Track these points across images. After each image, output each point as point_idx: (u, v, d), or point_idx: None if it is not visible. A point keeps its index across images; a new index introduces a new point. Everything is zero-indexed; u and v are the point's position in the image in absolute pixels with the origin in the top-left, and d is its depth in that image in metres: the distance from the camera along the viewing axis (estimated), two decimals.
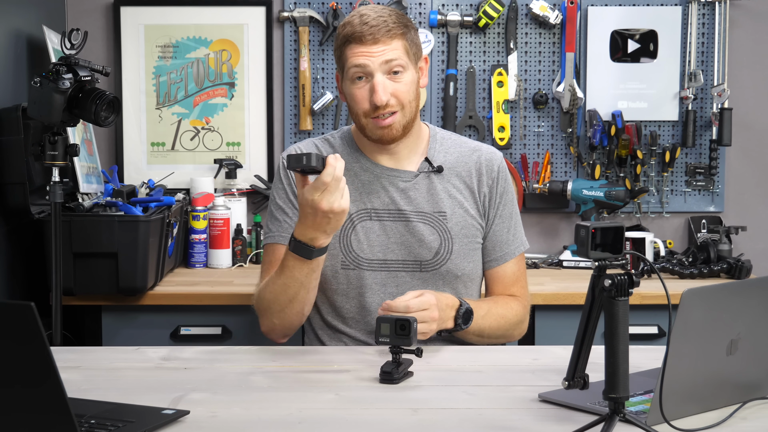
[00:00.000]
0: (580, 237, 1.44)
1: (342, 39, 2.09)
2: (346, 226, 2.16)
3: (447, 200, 2.18)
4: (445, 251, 2.16)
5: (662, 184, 3.44)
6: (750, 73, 3.47)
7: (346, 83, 2.11)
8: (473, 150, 2.24)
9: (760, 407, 1.59)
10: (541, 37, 3.42)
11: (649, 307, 2.73)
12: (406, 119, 2.11)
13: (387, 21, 2.08)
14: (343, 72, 2.12)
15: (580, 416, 1.52)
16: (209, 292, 2.85)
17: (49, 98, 2.40)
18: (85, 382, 1.73)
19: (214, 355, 1.96)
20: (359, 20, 2.08)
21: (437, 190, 2.18)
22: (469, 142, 2.27)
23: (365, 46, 2.06)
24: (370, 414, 1.57)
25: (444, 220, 2.17)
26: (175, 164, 3.43)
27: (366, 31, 2.06)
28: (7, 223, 2.75)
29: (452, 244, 2.16)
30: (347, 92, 2.12)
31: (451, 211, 2.18)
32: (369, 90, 2.07)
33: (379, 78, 2.06)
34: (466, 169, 2.21)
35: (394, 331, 1.76)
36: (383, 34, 2.06)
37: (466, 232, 2.18)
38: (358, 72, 2.07)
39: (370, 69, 2.06)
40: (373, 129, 2.10)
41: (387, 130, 2.09)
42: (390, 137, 2.11)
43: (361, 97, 2.08)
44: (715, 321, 1.49)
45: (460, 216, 2.18)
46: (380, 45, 2.06)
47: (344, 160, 2.18)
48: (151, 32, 3.41)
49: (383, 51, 2.06)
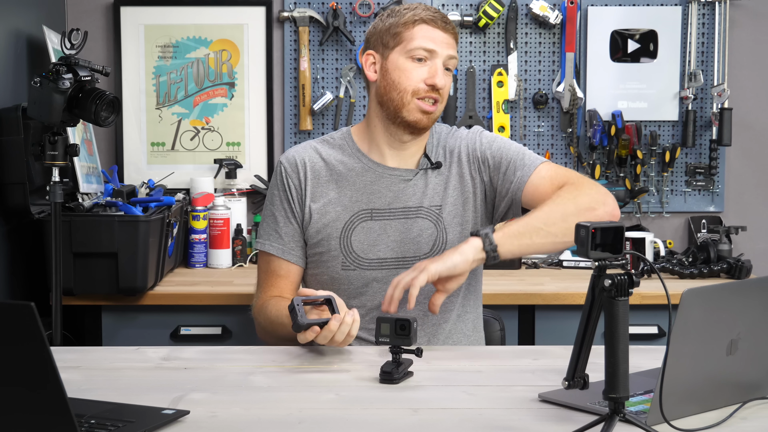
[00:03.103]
0: (580, 237, 1.44)
1: (410, 18, 2.13)
2: (347, 227, 2.16)
3: (443, 193, 2.19)
4: (440, 242, 2.17)
5: (662, 184, 3.44)
6: (750, 73, 3.47)
7: (399, 59, 2.14)
8: (453, 135, 2.25)
9: (760, 407, 1.59)
10: (541, 37, 3.42)
11: (649, 307, 2.73)
12: (439, 113, 2.18)
13: (450, 19, 2.18)
14: (392, 49, 2.14)
15: (580, 416, 1.52)
16: (209, 292, 2.85)
17: (49, 98, 2.40)
18: (85, 382, 1.73)
19: (214, 355, 1.96)
20: (426, 8, 2.15)
21: (434, 184, 2.19)
22: (458, 131, 2.26)
23: (437, 30, 2.13)
24: (370, 414, 1.57)
25: (439, 212, 2.18)
26: (175, 164, 3.43)
27: (439, 17, 2.14)
28: (7, 223, 2.75)
29: (446, 234, 2.17)
30: (401, 67, 2.14)
31: (446, 201, 2.18)
32: (428, 71, 2.12)
33: (440, 63, 2.13)
34: (454, 155, 2.21)
35: (394, 331, 1.76)
36: (451, 28, 2.16)
37: (459, 220, 2.19)
38: (422, 53, 2.12)
39: (438, 53, 2.12)
40: (413, 110, 2.13)
41: (426, 116, 2.14)
42: (423, 124, 2.15)
43: (416, 75, 2.13)
44: (715, 321, 1.49)
45: (452, 205, 2.18)
46: (448, 35, 2.14)
47: (346, 161, 2.19)
48: (151, 32, 3.41)
49: (450, 44, 2.14)
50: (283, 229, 2.19)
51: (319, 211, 2.17)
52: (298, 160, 2.21)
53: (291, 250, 2.19)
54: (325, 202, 2.18)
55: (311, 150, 2.23)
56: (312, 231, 2.18)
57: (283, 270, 2.20)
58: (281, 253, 2.19)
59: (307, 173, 2.19)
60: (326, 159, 2.21)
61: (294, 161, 2.21)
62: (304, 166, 2.20)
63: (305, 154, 2.22)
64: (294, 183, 2.20)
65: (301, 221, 2.19)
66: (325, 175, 2.20)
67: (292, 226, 2.19)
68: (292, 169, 2.21)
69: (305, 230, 2.19)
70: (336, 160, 2.20)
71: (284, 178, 2.20)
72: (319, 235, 2.17)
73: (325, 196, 2.18)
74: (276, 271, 2.20)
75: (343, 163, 2.20)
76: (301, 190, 2.19)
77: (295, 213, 2.19)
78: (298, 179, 2.20)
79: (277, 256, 2.19)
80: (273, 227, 2.21)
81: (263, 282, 2.21)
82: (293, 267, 2.20)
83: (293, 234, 2.19)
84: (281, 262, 2.19)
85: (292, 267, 2.20)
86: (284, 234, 2.19)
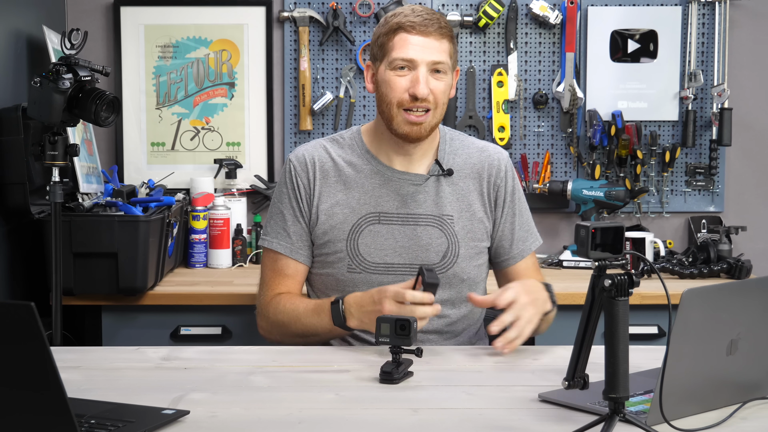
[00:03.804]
0: (580, 237, 1.44)
1: (391, 26, 2.09)
2: (354, 230, 2.15)
3: (455, 203, 2.17)
4: (452, 255, 2.16)
5: (662, 184, 3.44)
6: (750, 73, 3.47)
7: (385, 71, 2.10)
8: (480, 150, 2.23)
9: (760, 407, 1.59)
10: (541, 37, 3.42)
11: (649, 307, 2.73)
12: (435, 120, 2.12)
13: (439, 19, 2.11)
14: (380, 60, 2.12)
15: (580, 416, 1.52)
16: (209, 292, 2.85)
17: (49, 98, 2.40)
18: (85, 382, 1.73)
19: (214, 355, 1.96)
20: (411, 12, 2.10)
21: (446, 193, 2.17)
22: (477, 142, 2.26)
23: (417, 36, 2.07)
24: (370, 414, 1.57)
25: (451, 223, 2.16)
26: (175, 164, 3.43)
27: (419, 22, 2.07)
28: (7, 223, 2.75)
29: (458, 247, 2.16)
30: (385, 79, 2.11)
31: (459, 214, 2.17)
32: (410, 80, 2.08)
33: (423, 71, 2.07)
34: (473, 171, 2.20)
35: (394, 331, 1.76)
36: (435, 29, 2.08)
37: (472, 236, 2.18)
38: (402, 63, 2.08)
39: (417, 62, 2.07)
40: (402, 123, 2.10)
41: (416, 127, 2.09)
42: (416, 135, 2.11)
43: (400, 85, 2.08)
44: (715, 321, 1.49)
45: (467, 219, 2.18)
46: (431, 39, 2.08)
47: (355, 162, 2.18)
48: (151, 32, 3.41)
49: (433, 47, 2.07)
50: (291, 228, 2.18)
51: (326, 212, 2.16)
52: (307, 159, 2.20)
53: (299, 249, 2.18)
54: (333, 203, 2.17)
55: (321, 149, 2.22)
56: (319, 232, 2.17)
57: (291, 269, 2.19)
58: (289, 252, 2.18)
59: (316, 173, 2.18)
60: (335, 159, 2.19)
61: (304, 160, 2.20)
62: (313, 166, 2.19)
63: (315, 153, 2.21)
64: (303, 182, 2.19)
65: (308, 221, 2.18)
66: (334, 176, 2.18)
67: (299, 225, 2.18)
68: (301, 167, 2.19)
69: (312, 230, 2.18)
70: (345, 161, 2.19)
71: (293, 177, 2.19)
72: (326, 236, 2.16)
73: (333, 197, 2.17)
74: (283, 269, 2.19)
75: (352, 164, 2.19)
76: (310, 190, 2.18)
77: (303, 212, 2.18)
78: (307, 178, 2.19)
79: (284, 255, 2.18)
80: (281, 225, 2.19)
81: (269, 280, 2.20)
82: (300, 266, 2.19)
83: (301, 233, 2.18)
84: (289, 261, 2.19)
85: (299, 266, 2.19)
86: (292, 233, 2.18)
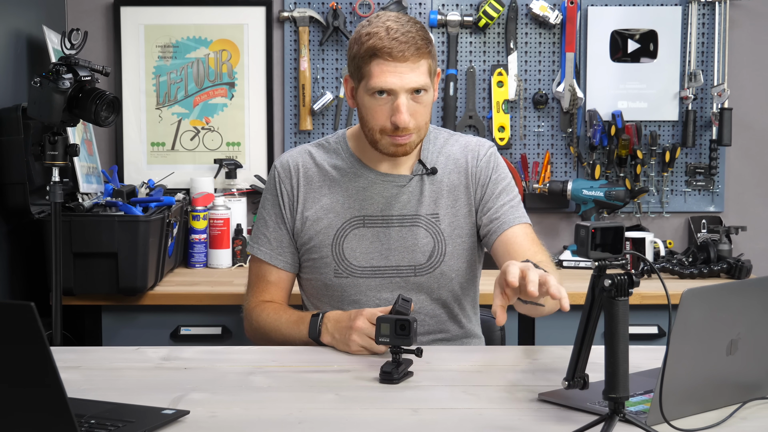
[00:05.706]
0: (580, 237, 1.44)
1: (366, 50, 2.00)
2: (339, 234, 2.15)
3: (440, 201, 2.16)
4: (438, 254, 2.14)
5: (662, 184, 3.44)
6: (750, 73, 3.47)
7: (364, 96, 2.04)
8: (464, 145, 2.20)
9: (760, 407, 1.59)
10: (541, 37, 3.42)
11: (649, 307, 2.74)
12: (421, 137, 2.10)
13: (415, 38, 1.99)
14: (358, 81, 2.06)
15: (580, 416, 1.52)
16: (209, 292, 2.85)
17: (49, 98, 2.40)
18: (85, 382, 1.73)
19: (214, 355, 1.96)
20: (386, 34, 1.99)
21: (430, 192, 2.16)
22: (460, 138, 2.23)
23: (393, 63, 1.98)
24: (370, 414, 1.57)
25: (437, 221, 2.15)
26: (175, 164, 3.43)
27: (395, 47, 1.98)
28: (7, 223, 2.75)
29: (445, 246, 2.15)
30: (364, 104, 2.05)
31: (445, 211, 2.16)
32: (391, 109, 2.01)
33: (403, 99, 2.00)
34: (457, 166, 2.18)
35: (394, 331, 1.76)
36: (413, 53, 1.99)
37: (459, 232, 2.16)
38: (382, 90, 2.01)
39: (397, 91, 2.00)
40: (387, 145, 2.07)
41: (402, 147, 2.07)
42: (402, 153, 2.09)
43: (381, 113, 2.03)
44: (715, 321, 1.49)
45: (452, 216, 2.16)
46: (408, 64, 1.99)
47: (340, 165, 2.18)
48: (151, 32, 3.41)
49: (411, 73, 1.99)
50: (272, 234, 2.18)
51: (311, 217, 2.15)
52: (291, 165, 2.19)
53: (279, 255, 2.18)
54: (318, 208, 2.15)
55: (306, 154, 2.20)
56: (305, 237, 2.16)
57: (273, 276, 2.19)
58: (269, 258, 2.18)
59: (300, 179, 2.17)
60: (320, 164, 2.18)
61: (288, 166, 2.19)
62: (297, 172, 2.18)
63: (299, 159, 2.20)
64: (286, 189, 2.18)
65: (292, 227, 2.17)
66: (318, 181, 2.17)
67: (281, 232, 2.17)
68: (285, 174, 2.19)
69: (297, 236, 2.17)
70: (329, 165, 2.17)
71: (277, 183, 2.19)
72: (312, 241, 2.15)
73: (317, 202, 2.16)
74: (265, 275, 2.19)
75: (337, 168, 2.17)
76: (293, 197, 2.17)
77: (286, 219, 2.17)
78: (290, 185, 2.18)
79: (265, 261, 2.19)
80: (263, 231, 2.20)
81: (254, 285, 2.22)
82: (282, 273, 2.19)
83: (282, 239, 2.18)
84: (270, 267, 2.19)
85: (281, 273, 2.19)
86: (273, 239, 2.18)
